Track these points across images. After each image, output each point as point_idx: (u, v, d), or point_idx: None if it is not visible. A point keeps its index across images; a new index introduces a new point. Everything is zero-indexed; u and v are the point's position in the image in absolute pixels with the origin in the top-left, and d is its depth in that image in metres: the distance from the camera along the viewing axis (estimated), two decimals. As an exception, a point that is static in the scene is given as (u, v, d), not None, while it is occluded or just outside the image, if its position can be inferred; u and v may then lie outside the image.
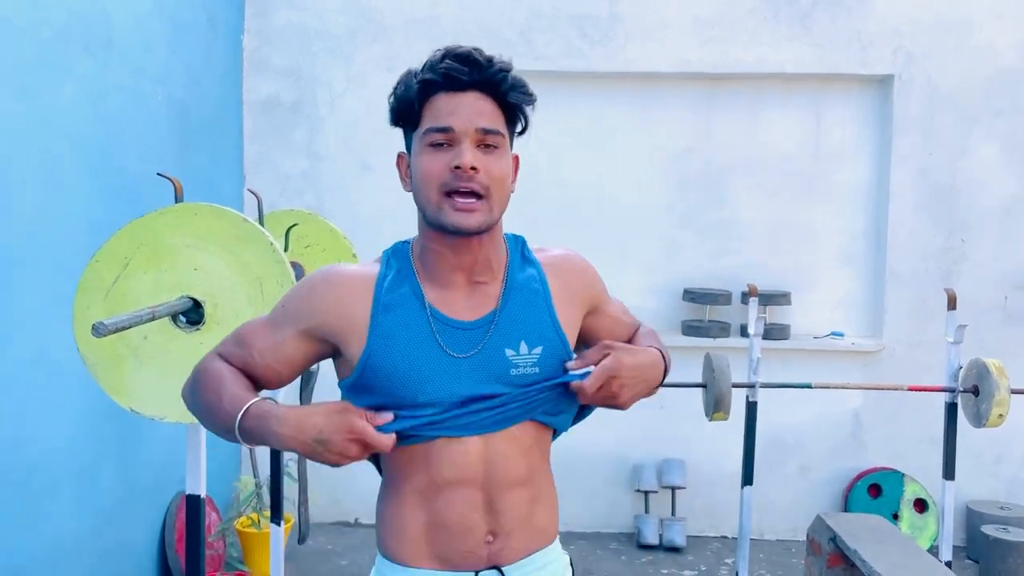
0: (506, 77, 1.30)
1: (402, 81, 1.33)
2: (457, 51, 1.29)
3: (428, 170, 1.28)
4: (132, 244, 1.74)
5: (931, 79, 4.30)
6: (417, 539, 1.34)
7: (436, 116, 1.28)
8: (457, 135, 1.27)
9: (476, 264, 1.35)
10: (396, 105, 1.33)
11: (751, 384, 3.26)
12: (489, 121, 1.29)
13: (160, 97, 3.47)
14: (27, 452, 2.62)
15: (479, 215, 1.28)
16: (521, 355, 1.33)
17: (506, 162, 1.32)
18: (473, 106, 1.28)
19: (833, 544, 3.04)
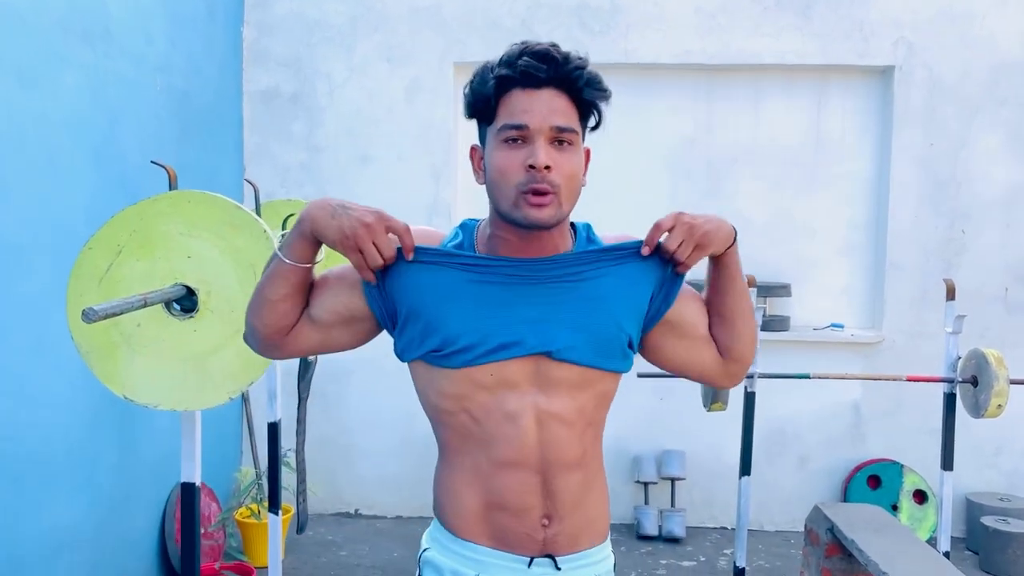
0: (582, 75, 1.31)
1: (478, 75, 1.34)
2: (535, 48, 1.30)
3: (503, 167, 1.30)
4: (125, 231, 1.75)
5: (932, 70, 4.28)
6: (475, 516, 1.38)
7: (511, 113, 1.30)
8: (532, 132, 1.29)
9: (543, 252, 1.36)
10: (472, 99, 1.35)
11: (749, 375, 3.25)
12: (563, 119, 1.30)
13: (159, 87, 3.48)
14: (25, 442, 2.63)
15: (550, 209, 1.30)
16: (589, 271, 1.38)
17: (578, 158, 1.34)
18: (548, 103, 1.29)
19: (831, 534, 3.04)
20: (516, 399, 1.35)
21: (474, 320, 1.33)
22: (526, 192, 1.29)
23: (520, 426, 1.35)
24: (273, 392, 2.81)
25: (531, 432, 1.35)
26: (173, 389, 1.77)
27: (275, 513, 2.80)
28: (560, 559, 1.39)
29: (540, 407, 1.35)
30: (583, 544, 1.41)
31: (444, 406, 1.38)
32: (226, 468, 4.23)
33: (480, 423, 1.35)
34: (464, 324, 1.33)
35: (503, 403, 1.35)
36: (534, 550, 1.38)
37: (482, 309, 1.34)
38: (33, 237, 2.62)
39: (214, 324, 1.76)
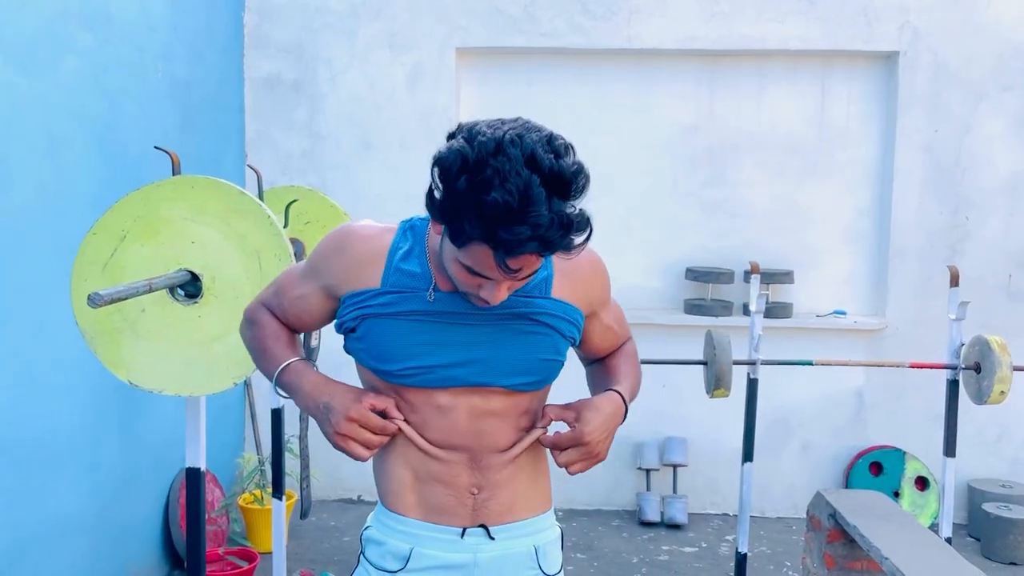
0: (571, 247, 1.19)
1: (453, 183, 1.14)
2: (546, 235, 1.13)
3: (459, 280, 1.26)
4: (129, 217, 1.74)
5: (937, 55, 4.26)
6: (407, 489, 1.40)
7: (479, 264, 1.19)
8: (495, 282, 1.24)
9: None
10: (447, 216, 1.18)
11: (752, 361, 3.25)
12: (529, 270, 1.22)
13: (161, 73, 3.46)
14: (29, 428, 2.63)
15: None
16: (532, 299, 1.38)
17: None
18: (523, 260, 1.18)
19: (833, 520, 3.05)
20: (449, 397, 1.36)
21: (416, 357, 1.34)
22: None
23: (451, 418, 1.36)
24: (276, 378, 2.81)
25: (463, 422, 1.37)
26: (178, 375, 1.77)
27: (279, 499, 2.80)
28: (493, 528, 1.40)
29: (474, 405, 1.37)
30: (519, 514, 1.42)
31: (378, 390, 1.40)
32: (229, 454, 4.24)
33: (413, 410, 1.37)
34: (406, 361, 1.34)
35: (435, 398, 1.36)
36: (465, 519, 1.39)
37: (424, 348, 1.34)
38: (35, 223, 2.62)
39: (218, 310, 1.76)
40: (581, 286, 1.43)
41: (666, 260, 4.52)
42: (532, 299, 1.37)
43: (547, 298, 1.38)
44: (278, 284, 1.49)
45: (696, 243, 4.51)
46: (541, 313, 1.37)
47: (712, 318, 4.30)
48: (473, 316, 1.34)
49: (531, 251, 1.14)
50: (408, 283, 1.35)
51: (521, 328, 1.36)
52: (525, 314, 1.36)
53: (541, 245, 1.13)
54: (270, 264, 1.76)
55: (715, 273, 4.35)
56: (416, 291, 1.34)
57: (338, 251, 1.40)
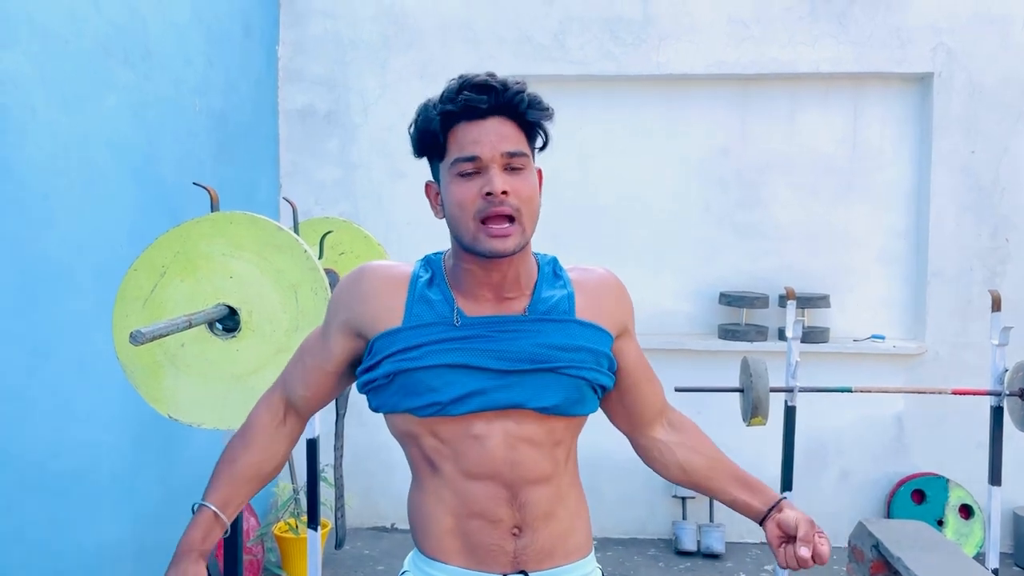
0: (523, 98, 1.33)
1: (421, 113, 1.37)
2: (473, 80, 1.32)
3: (460, 199, 1.32)
4: (169, 253, 1.77)
5: (972, 76, 4.21)
6: (447, 533, 1.39)
7: (461, 146, 1.32)
8: (484, 162, 1.31)
9: (505, 281, 1.39)
10: (419, 137, 1.37)
11: (789, 388, 3.21)
12: (513, 144, 1.32)
13: (198, 107, 3.53)
14: (70, 458, 2.67)
15: (514, 238, 1.32)
16: (562, 350, 1.38)
17: (532, 180, 1.36)
18: (496, 131, 1.32)
19: (876, 551, 2.98)
20: (483, 425, 1.37)
21: (449, 387, 1.35)
22: (485, 220, 1.31)
23: (487, 447, 1.37)
24: (312, 409, 2.83)
25: (499, 451, 1.37)
26: (216, 408, 1.78)
27: (314, 529, 2.81)
28: (533, 575, 1.39)
29: (509, 431, 1.37)
30: (558, 559, 1.41)
31: (411, 431, 1.40)
32: (264, 483, 4.26)
33: (447, 443, 1.38)
34: (440, 393, 1.35)
35: (470, 428, 1.37)
36: (506, 566, 1.38)
37: (455, 375, 1.35)
38: (77, 257, 2.66)
39: (256, 343, 1.78)
40: (606, 307, 1.45)
41: (699, 284, 4.49)
42: (558, 323, 1.38)
43: (572, 320, 1.39)
44: (301, 349, 1.49)
45: (730, 267, 4.48)
46: (565, 347, 1.38)
47: (747, 343, 4.26)
48: (501, 337, 1.36)
49: (476, 100, 1.30)
50: (432, 312, 1.37)
51: (547, 340, 1.38)
52: (552, 343, 1.37)
53: (477, 91, 1.31)
54: (306, 298, 1.77)
55: (749, 298, 4.31)
56: (441, 319, 1.36)
57: (356, 284, 1.42)
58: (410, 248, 4.42)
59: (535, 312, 1.39)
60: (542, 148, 1.41)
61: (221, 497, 1.42)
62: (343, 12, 4.46)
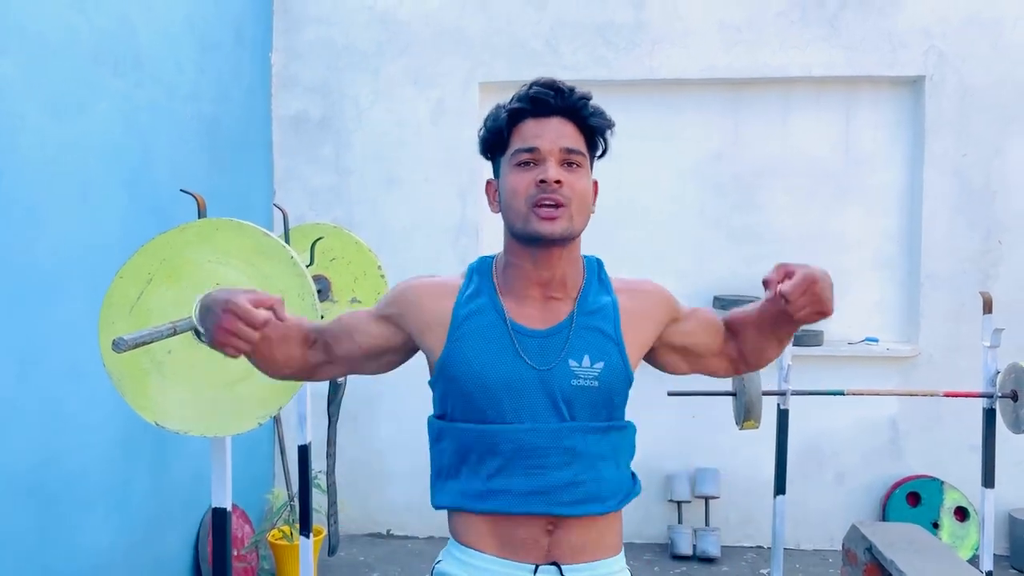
0: (587, 104, 1.44)
1: (491, 115, 1.47)
2: (542, 80, 1.43)
3: (516, 186, 1.41)
4: (155, 260, 1.77)
5: (963, 79, 4.22)
6: (480, 524, 1.44)
7: (523, 139, 1.42)
8: (543, 154, 1.40)
9: (553, 279, 1.45)
10: (487, 135, 1.47)
11: (782, 392, 3.21)
12: (572, 142, 1.42)
13: (189, 114, 3.53)
14: (61, 467, 2.66)
15: (562, 222, 1.38)
16: (583, 367, 1.43)
17: (587, 181, 1.45)
18: (557, 129, 1.41)
19: (869, 554, 2.98)
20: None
21: (501, 404, 1.43)
22: (537, 206, 1.38)
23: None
24: (303, 415, 2.83)
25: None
26: (203, 415, 1.78)
27: (306, 536, 2.80)
28: (566, 567, 1.42)
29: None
30: (593, 555, 1.45)
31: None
32: (258, 490, 4.26)
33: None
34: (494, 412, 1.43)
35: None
36: (540, 557, 1.42)
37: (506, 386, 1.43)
38: (67, 265, 2.66)
39: (243, 350, 1.77)
40: (647, 308, 1.52)
41: (694, 287, 4.49)
42: (599, 332, 1.45)
43: (616, 334, 1.46)
44: (340, 320, 1.54)
45: (724, 270, 4.48)
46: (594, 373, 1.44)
47: (741, 347, 4.25)
48: (544, 338, 1.43)
49: (543, 94, 1.40)
50: (480, 322, 1.44)
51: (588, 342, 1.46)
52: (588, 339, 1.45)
53: (546, 88, 1.40)
54: (294, 304, 1.77)
55: (743, 301, 4.31)
56: (486, 323, 1.44)
57: (412, 289, 1.50)
58: (404, 254, 4.43)
59: (581, 309, 1.46)
60: (600, 155, 1.50)
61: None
62: (336, 19, 4.47)
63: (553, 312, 1.46)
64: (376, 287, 2.85)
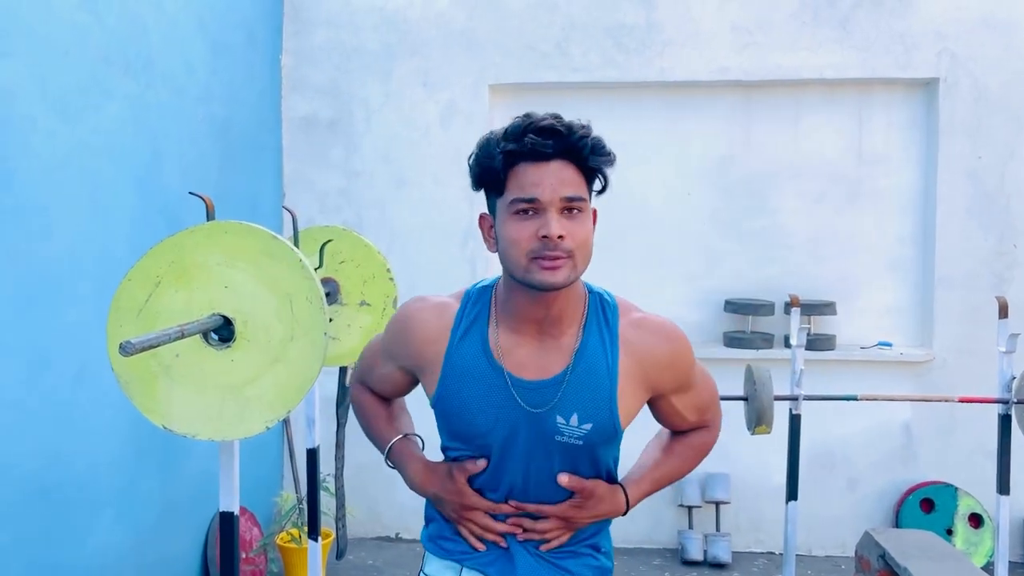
0: (586, 143, 1.37)
1: (483, 148, 1.41)
2: (540, 124, 1.35)
3: (516, 237, 1.36)
4: (163, 262, 1.75)
5: (977, 81, 4.18)
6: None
7: (522, 187, 1.35)
8: (543, 204, 1.34)
9: (548, 317, 1.43)
10: (479, 173, 1.42)
11: (794, 397, 3.18)
12: (572, 189, 1.36)
13: (200, 116, 3.53)
14: (70, 468, 2.66)
15: (564, 271, 1.35)
16: (570, 426, 1.43)
17: (588, 225, 1.39)
18: (557, 175, 1.35)
19: (883, 561, 2.95)
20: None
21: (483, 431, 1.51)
22: (538, 258, 1.34)
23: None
24: (311, 418, 2.82)
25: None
26: (211, 419, 1.77)
27: (314, 539, 2.79)
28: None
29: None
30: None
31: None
32: (267, 492, 4.25)
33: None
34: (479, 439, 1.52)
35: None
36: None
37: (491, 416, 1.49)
38: (77, 268, 2.66)
39: (251, 353, 1.76)
40: (652, 371, 1.47)
41: (704, 292, 4.47)
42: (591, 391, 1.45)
43: (611, 395, 1.44)
44: (364, 360, 1.69)
45: (735, 274, 4.45)
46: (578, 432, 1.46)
47: (752, 351, 4.23)
48: (535, 390, 1.45)
49: (541, 144, 1.33)
50: (469, 365, 1.48)
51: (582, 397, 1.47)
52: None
53: (544, 132, 1.34)
54: (302, 307, 1.76)
55: (755, 305, 4.28)
56: (477, 368, 1.47)
57: (407, 331, 1.55)
58: (413, 257, 4.42)
59: (579, 358, 1.44)
60: (600, 192, 1.44)
61: (395, 430, 1.68)
62: (346, 21, 4.46)
63: (548, 357, 1.45)
64: (385, 290, 2.84)
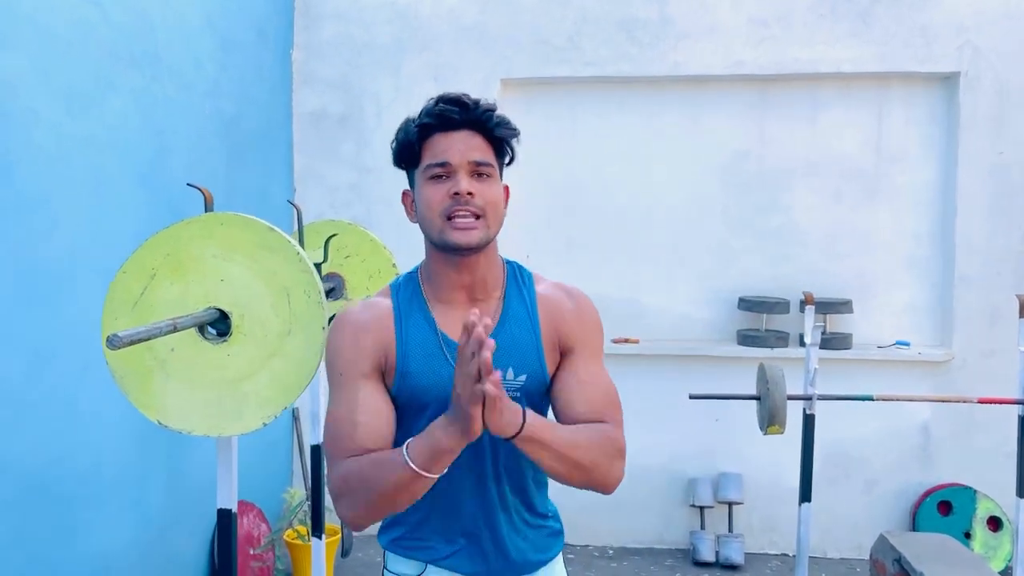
0: (491, 116, 1.48)
1: (401, 128, 1.52)
2: (449, 96, 1.48)
3: (430, 199, 1.46)
4: (159, 255, 1.73)
5: (1000, 75, 4.09)
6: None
7: (434, 153, 1.47)
8: (453, 167, 1.45)
9: (475, 283, 1.51)
10: (398, 148, 1.53)
11: (807, 396, 3.12)
12: (480, 154, 1.47)
13: (208, 111, 3.51)
14: (74, 463, 2.64)
15: (478, 232, 1.45)
16: (507, 380, 1.48)
17: (498, 188, 1.50)
18: (465, 142, 1.46)
19: (898, 565, 2.89)
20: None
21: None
22: (451, 217, 1.44)
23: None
24: (316, 415, 2.78)
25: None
26: (207, 414, 1.74)
27: (318, 537, 2.76)
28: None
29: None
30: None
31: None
32: (277, 487, 4.23)
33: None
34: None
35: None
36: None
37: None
38: (81, 260, 2.64)
39: (248, 348, 1.73)
40: (562, 325, 1.53)
41: (718, 289, 4.40)
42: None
43: (537, 346, 1.49)
44: (329, 432, 1.45)
45: (749, 271, 4.39)
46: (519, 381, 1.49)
47: (767, 350, 4.16)
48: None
49: (449, 111, 1.45)
50: (419, 339, 1.49)
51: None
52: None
53: (451, 104, 1.46)
54: (299, 301, 1.72)
55: (769, 303, 4.21)
56: (427, 342, 1.49)
57: (358, 329, 1.49)
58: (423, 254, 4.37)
59: (505, 319, 1.50)
60: (509, 163, 1.55)
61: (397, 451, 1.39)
62: (357, 15, 4.43)
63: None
64: (391, 285, 2.80)
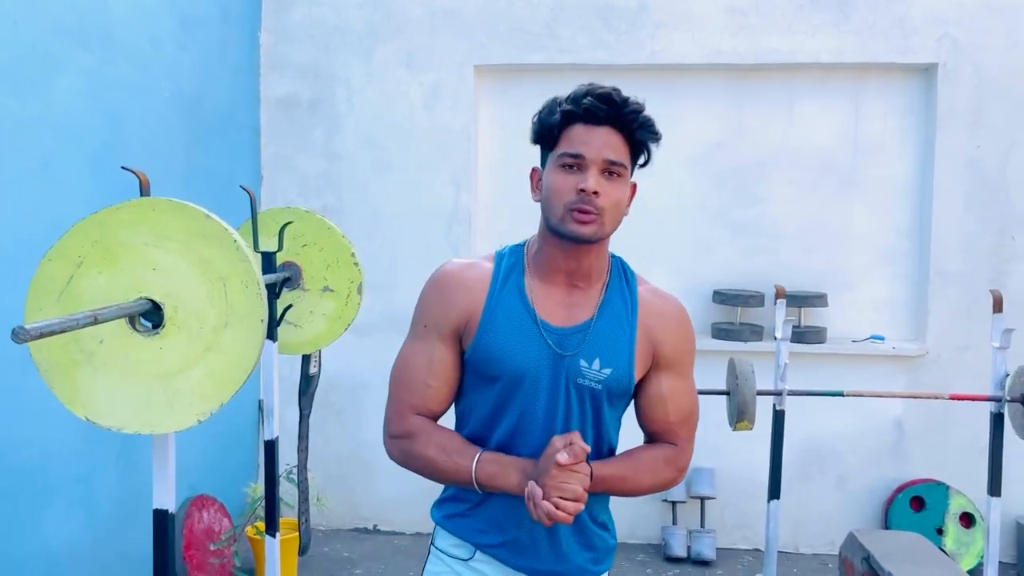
0: (636, 117, 1.49)
1: (546, 107, 1.54)
2: (599, 91, 1.49)
3: (557, 187, 1.49)
4: (86, 241, 1.63)
5: (979, 67, 4.04)
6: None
7: (571, 143, 1.49)
8: (586, 161, 1.47)
9: (579, 270, 1.55)
10: (539, 127, 1.54)
11: (778, 392, 3.06)
12: (615, 154, 1.48)
13: (168, 92, 3.40)
14: (21, 456, 2.56)
15: (593, 226, 1.48)
16: (592, 370, 1.53)
17: (624, 189, 1.52)
18: (604, 139, 1.48)
19: (867, 564, 2.84)
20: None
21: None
22: (573, 210, 1.47)
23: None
24: (271, 409, 2.69)
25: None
26: (139, 410, 1.64)
27: (271, 535, 2.67)
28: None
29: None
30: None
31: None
32: (240, 482, 4.14)
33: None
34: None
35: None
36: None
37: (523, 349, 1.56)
38: (25, 246, 2.54)
39: (181, 341, 1.64)
40: (659, 333, 1.58)
41: (693, 282, 4.34)
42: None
43: (630, 345, 1.54)
44: (401, 380, 1.58)
45: (724, 264, 4.33)
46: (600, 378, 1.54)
47: (741, 343, 4.11)
48: (563, 335, 1.53)
49: (595, 107, 1.46)
50: (507, 309, 1.54)
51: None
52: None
53: (601, 98, 1.47)
54: (236, 292, 1.63)
55: (744, 296, 4.16)
56: (514, 313, 1.54)
57: (449, 289, 1.57)
58: (396, 242, 4.30)
59: (604, 307, 1.55)
60: (643, 165, 1.56)
61: (469, 453, 1.54)
62: (327, -2, 4.33)
63: (578, 303, 1.56)
64: (350, 276, 2.71)
